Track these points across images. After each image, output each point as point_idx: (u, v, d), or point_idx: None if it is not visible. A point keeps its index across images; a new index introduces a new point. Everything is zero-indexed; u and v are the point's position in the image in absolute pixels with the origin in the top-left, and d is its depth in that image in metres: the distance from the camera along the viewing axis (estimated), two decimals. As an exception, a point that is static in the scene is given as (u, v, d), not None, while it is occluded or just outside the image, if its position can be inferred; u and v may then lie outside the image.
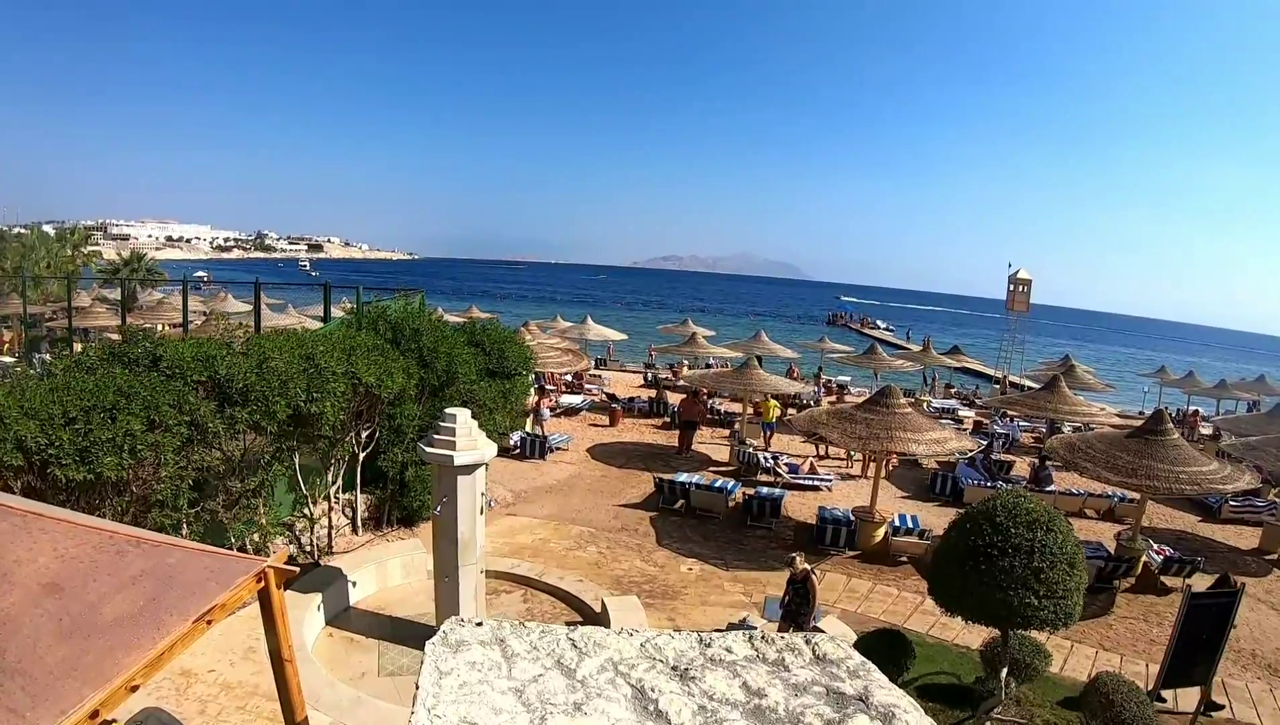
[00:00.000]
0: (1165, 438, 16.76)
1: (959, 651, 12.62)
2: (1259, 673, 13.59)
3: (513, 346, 16.91)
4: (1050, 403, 26.62)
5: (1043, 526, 9.07)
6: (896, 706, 2.47)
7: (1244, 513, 23.26)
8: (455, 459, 9.90)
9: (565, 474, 20.82)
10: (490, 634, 2.68)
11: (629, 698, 2.36)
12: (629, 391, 34.65)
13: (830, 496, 20.85)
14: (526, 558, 14.57)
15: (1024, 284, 46.33)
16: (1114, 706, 9.21)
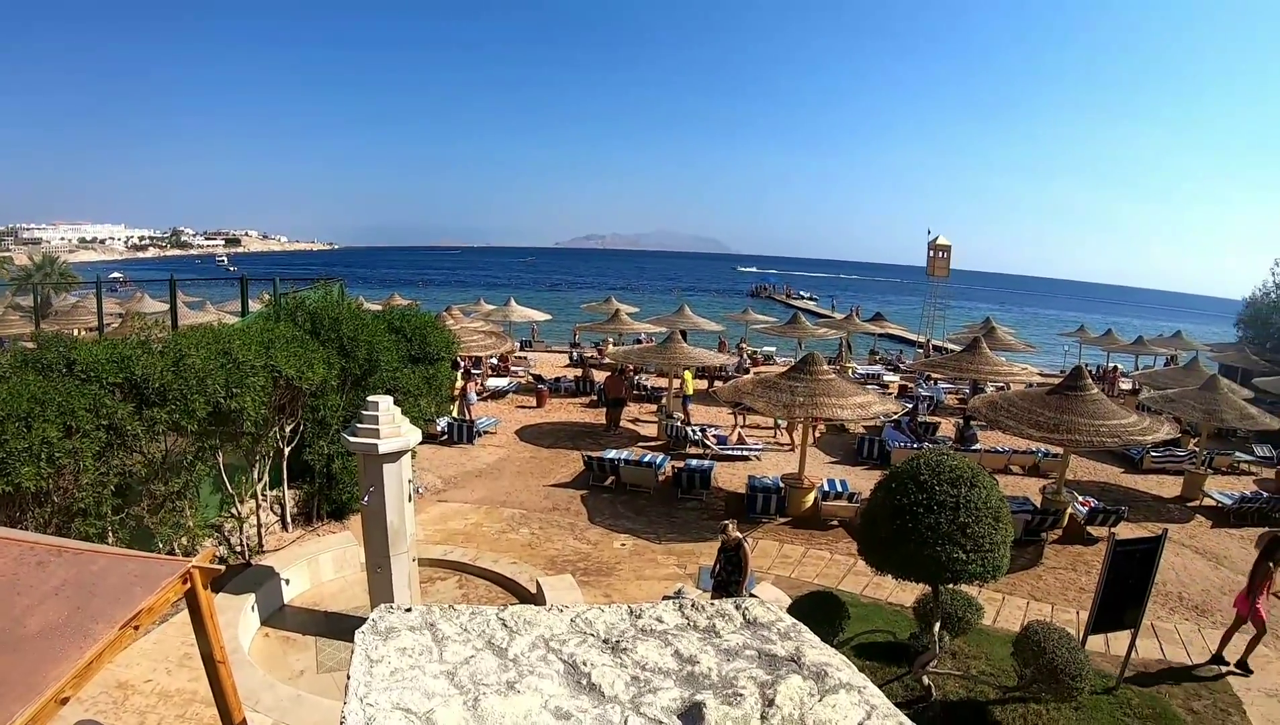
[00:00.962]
0: (1085, 393, 17.27)
1: (893, 609, 12.87)
2: (1186, 614, 14.14)
3: (434, 332, 16.74)
4: (972, 364, 27.19)
5: (966, 483, 9.23)
6: (829, 665, 2.50)
7: (1165, 463, 24.13)
8: (380, 447, 9.78)
9: (494, 457, 20.72)
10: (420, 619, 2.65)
11: (561, 673, 2.35)
12: (555, 372, 34.51)
13: (759, 466, 21.11)
14: (459, 543, 14.53)
15: (944, 250, 47.22)
16: (1046, 654, 9.44)
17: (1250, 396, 26.71)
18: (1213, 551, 17.44)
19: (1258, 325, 44.84)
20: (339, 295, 16.70)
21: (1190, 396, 22.26)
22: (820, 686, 2.35)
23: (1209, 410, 21.53)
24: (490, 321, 35.48)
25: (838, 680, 2.40)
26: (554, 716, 2.11)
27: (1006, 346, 37.25)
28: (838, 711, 2.23)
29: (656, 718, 2.12)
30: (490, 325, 33.20)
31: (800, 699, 2.26)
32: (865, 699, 2.33)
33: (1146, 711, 10.69)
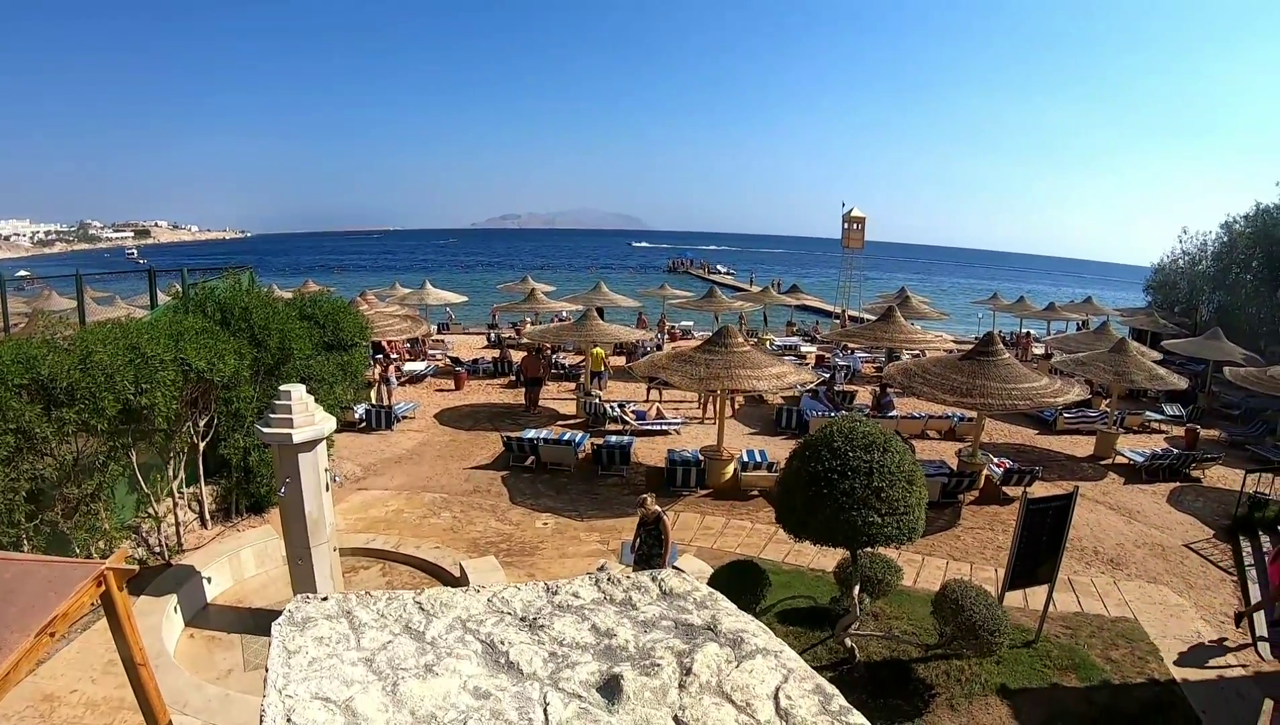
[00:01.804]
0: (996, 358, 17.74)
1: (815, 575, 13.13)
2: (1102, 567, 14.66)
3: (347, 317, 16.51)
4: (887, 333, 27.79)
5: (879, 448, 9.42)
6: (744, 631, 2.53)
7: (1078, 423, 24.99)
8: (294, 437, 9.63)
9: (413, 442, 20.60)
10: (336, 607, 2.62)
11: (479, 653, 2.35)
12: (473, 354, 34.39)
13: (679, 439, 21.46)
14: (381, 531, 14.46)
15: (858, 222, 48.13)
16: (964, 611, 9.69)
17: (1159, 358, 27.76)
18: (1126, 507, 18.07)
19: (1166, 290, 46.69)
20: (249, 284, 16.36)
21: (1101, 359, 23.00)
22: (737, 653, 2.38)
23: (1119, 372, 22.25)
24: (406, 305, 35.11)
25: (754, 646, 2.44)
26: (473, 696, 2.10)
27: (921, 315, 38.20)
28: (755, 676, 2.26)
29: (575, 692, 2.14)
30: (406, 309, 32.88)
31: (717, 666, 2.29)
32: (782, 663, 2.37)
33: (1066, 662, 11.04)
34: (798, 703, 2.17)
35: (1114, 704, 10.33)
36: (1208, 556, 15.58)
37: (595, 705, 2.08)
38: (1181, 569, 14.93)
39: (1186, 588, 14.15)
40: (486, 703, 2.07)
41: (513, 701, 2.07)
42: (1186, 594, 13.87)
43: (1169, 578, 14.48)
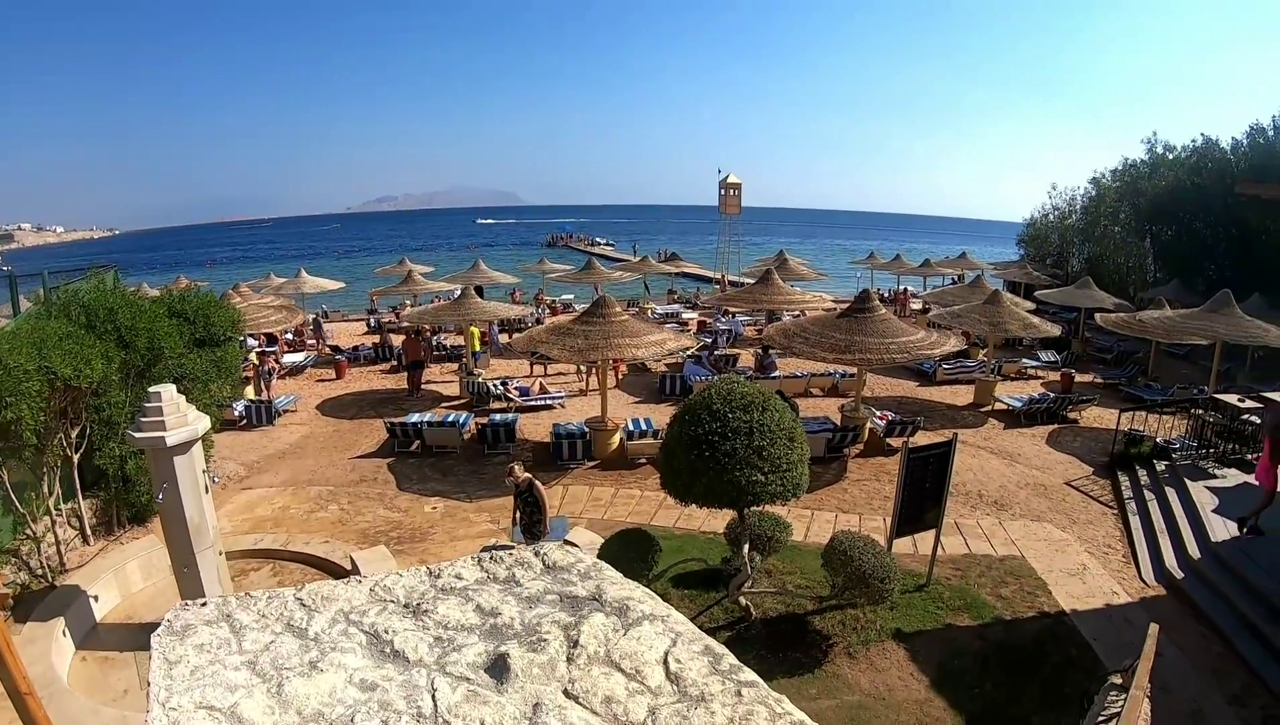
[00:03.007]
0: (873, 314, 18.23)
1: (707, 537, 13.37)
2: (987, 509, 15.22)
3: (218, 311, 15.96)
4: (765, 295, 28.27)
5: (758, 407, 9.59)
6: (630, 598, 2.55)
7: (957, 374, 25.88)
8: (167, 439, 9.29)
9: (296, 436, 20.16)
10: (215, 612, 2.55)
11: (364, 645, 2.32)
12: (354, 341, 33.88)
13: (564, 413, 21.58)
14: (269, 529, 14.18)
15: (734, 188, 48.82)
16: (853, 561, 9.95)
17: (1033, 308, 28.92)
18: (1007, 451, 18.75)
19: (1038, 243, 48.85)
20: (113, 284, 15.73)
21: (976, 311, 23.83)
22: (624, 621, 2.39)
23: (994, 322, 23.09)
24: (281, 295, 34.30)
25: (640, 613, 2.45)
26: (359, 689, 2.08)
27: (799, 276, 39.00)
28: (643, 643, 2.28)
29: (463, 675, 2.12)
30: (282, 299, 32.12)
31: (604, 636, 2.30)
32: (669, 627, 2.39)
33: (958, 602, 11.43)
34: (687, 665, 2.20)
35: (1007, 638, 10.77)
36: (1088, 492, 16.33)
37: (484, 686, 2.08)
38: (1064, 506, 15.61)
39: (1069, 523, 14.80)
40: (374, 694, 2.05)
41: (400, 690, 2.05)
42: (1070, 529, 14.52)
43: (1052, 515, 15.13)
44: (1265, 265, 30.30)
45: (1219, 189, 31.69)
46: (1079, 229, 46.49)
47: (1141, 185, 40.55)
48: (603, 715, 2.01)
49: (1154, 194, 38.90)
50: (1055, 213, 48.42)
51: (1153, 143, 42.25)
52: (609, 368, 20.05)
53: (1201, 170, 36.67)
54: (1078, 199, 46.84)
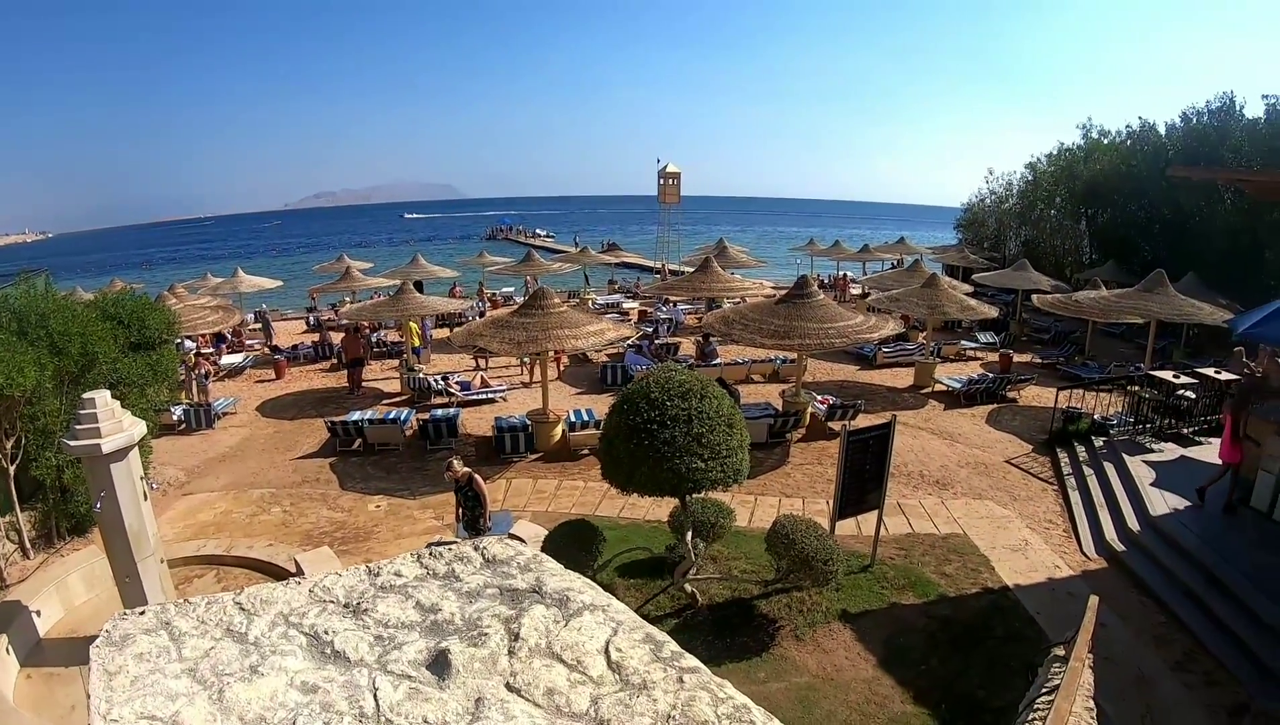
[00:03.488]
0: (811, 299, 18.41)
1: (651, 526, 13.46)
2: (929, 489, 15.44)
3: (153, 313, 15.68)
4: (705, 283, 28.46)
5: (696, 395, 9.68)
6: (570, 589, 2.56)
7: (897, 357, 26.24)
8: (103, 447, 9.09)
9: (237, 439, 19.83)
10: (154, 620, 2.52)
11: (304, 647, 2.31)
12: (293, 339, 33.29)
13: (506, 406, 21.63)
14: (211, 535, 13.93)
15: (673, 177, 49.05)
16: (796, 545, 10.06)
17: (970, 291, 29.30)
18: (948, 431, 19.02)
19: (975, 227, 49.76)
20: (45, 288, 15.39)
21: (914, 295, 24.21)
22: (564, 612, 2.41)
23: (932, 305, 23.46)
24: (219, 295, 33.76)
25: (581, 603, 2.47)
26: (300, 692, 2.07)
27: (739, 264, 39.32)
28: (584, 633, 2.29)
29: (404, 672, 2.13)
30: (219, 299, 31.63)
31: (545, 628, 2.31)
32: (610, 617, 2.41)
33: (902, 581, 11.60)
34: (628, 654, 2.22)
35: (952, 615, 10.97)
36: (1028, 470, 16.64)
37: (425, 683, 2.08)
38: (1004, 483, 15.89)
39: (1011, 500, 15.09)
40: (315, 696, 2.04)
41: (342, 691, 2.05)
42: (1011, 506, 14.80)
43: (993, 492, 15.41)
44: (1198, 246, 31.00)
45: (1154, 172, 32.34)
46: (1016, 213, 47.39)
47: (1077, 169, 41.31)
48: (545, 707, 2.02)
49: (1089, 178, 39.65)
50: (992, 197, 49.32)
51: (1088, 128, 43.09)
52: (549, 359, 20.03)
53: (1137, 154, 37.40)
54: (1014, 184, 47.76)
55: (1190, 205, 32.28)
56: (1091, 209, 41.02)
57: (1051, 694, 5.97)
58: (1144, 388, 18.81)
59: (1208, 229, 31.06)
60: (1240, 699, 9.32)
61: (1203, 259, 29.88)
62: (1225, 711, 9.15)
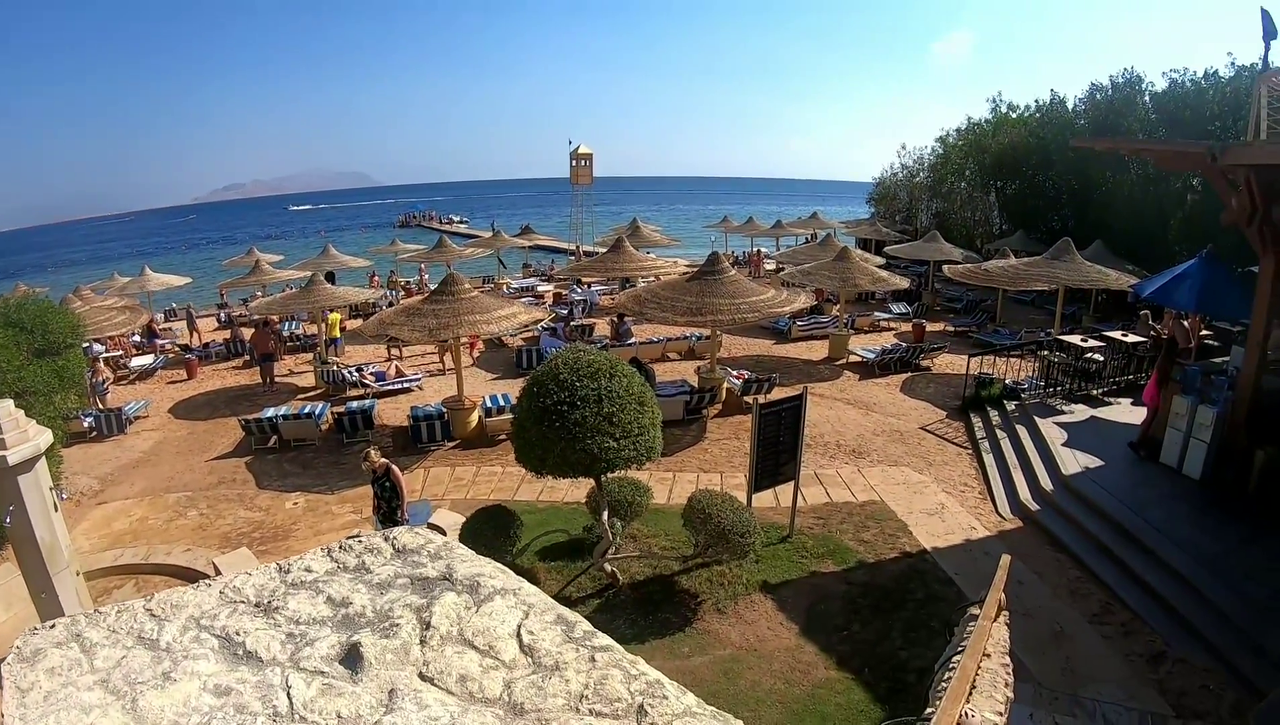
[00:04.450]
0: (722, 276, 18.60)
1: (570, 508, 13.54)
2: (846, 458, 15.70)
3: (56, 317, 15.18)
4: (617, 263, 28.56)
5: (605, 374, 9.76)
6: (481, 575, 2.59)
7: (811, 330, 26.62)
8: (8, 458, 8.80)
9: (150, 443, 19.27)
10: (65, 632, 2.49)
11: (216, 649, 2.30)
12: (205, 338, 32.46)
13: (422, 395, 21.39)
14: (128, 543, 13.57)
15: (585, 158, 49.04)
16: (712, 519, 10.21)
17: (883, 263, 29.82)
18: (862, 401, 19.36)
19: (887, 201, 50.86)
20: None
21: (826, 268, 24.61)
22: (475, 598, 2.44)
23: (844, 278, 23.86)
24: (126, 295, 32.81)
25: (492, 588, 2.50)
26: (214, 695, 2.07)
27: (653, 243, 39.53)
28: (495, 618, 2.33)
29: (317, 669, 2.13)
30: (126, 299, 30.73)
31: (456, 615, 2.34)
32: (521, 600, 2.45)
33: (821, 550, 11.83)
34: (540, 636, 2.26)
35: (872, 580, 11.21)
36: (943, 435, 17.03)
37: (338, 678, 2.09)
38: (920, 450, 16.23)
39: (926, 465, 15.43)
40: (229, 699, 2.04)
41: (255, 692, 2.06)
42: (927, 471, 15.15)
43: (909, 459, 15.74)
44: (1105, 215, 31.95)
45: (1061, 144, 33.14)
46: (927, 186, 48.53)
47: (986, 142, 42.32)
48: (459, 694, 2.05)
49: (998, 151, 40.59)
50: (904, 171, 50.30)
51: (997, 102, 44.13)
52: (463, 345, 19.92)
53: (1045, 126, 38.32)
54: (925, 158, 48.74)
55: (1097, 176, 33.20)
56: (1001, 181, 41.96)
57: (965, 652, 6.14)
58: (1054, 352, 19.35)
59: (1114, 198, 31.99)
60: (1157, 647, 9.67)
61: (1109, 227, 30.85)
62: (1143, 660, 9.48)
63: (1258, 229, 11.82)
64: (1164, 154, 15.34)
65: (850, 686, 9.03)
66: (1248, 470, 12.60)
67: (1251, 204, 11.64)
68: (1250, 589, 10.16)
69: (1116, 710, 8.55)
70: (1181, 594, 10.42)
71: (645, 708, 1.99)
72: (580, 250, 49.06)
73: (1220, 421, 12.89)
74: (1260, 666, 9.01)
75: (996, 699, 4.44)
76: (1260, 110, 12.79)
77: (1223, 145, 11.59)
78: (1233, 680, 8.99)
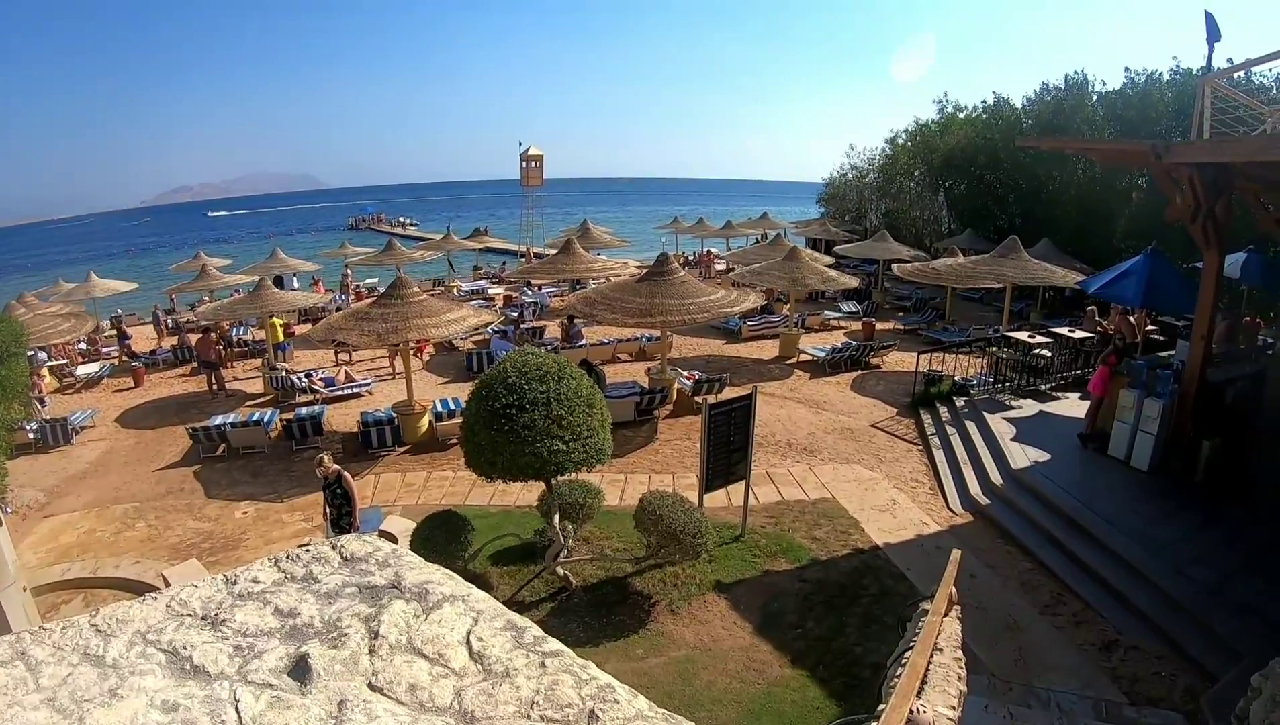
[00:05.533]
0: (672, 276, 18.69)
1: (523, 511, 13.50)
2: (797, 457, 15.79)
3: (0, 326, 14.87)
4: (568, 264, 28.65)
5: (554, 377, 9.79)
6: (429, 582, 2.59)
7: (761, 329, 26.78)
8: (-52, 473, 8.69)
9: (96, 453, 18.87)
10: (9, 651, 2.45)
11: (164, 664, 2.27)
12: (151, 344, 31.83)
13: (373, 400, 21.18)
14: (76, 557, 13.34)
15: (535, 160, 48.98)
16: (663, 520, 10.23)
17: (832, 262, 30.06)
18: (813, 399, 19.48)
19: (837, 201, 51.36)
20: None
21: (776, 268, 24.79)
22: (424, 605, 2.43)
23: (794, 278, 24.06)
24: (71, 301, 32.14)
25: (440, 595, 2.50)
26: (161, 711, 2.04)
27: (603, 244, 39.63)
28: (444, 626, 2.33)
29: (265, 681, 2.12)
30: (71, 306, 30.09)
31: (405, 623, 2.33)
32: (470, 606, 2.45)
33: (774, 548, 11.91)
34: (490, 643, 2.26)
35: (825, 577, 11.32)
36: (893, 432, 17.20)
37: (287, 690, 2.08)
38: (871, 447, 16.38)
39: (877, 462, 15.58)
40: (176, 714, 2.02)
41: (203, 707, 2.04)
42: (878, 468, 15.30)
43: (860, 456, 15.89)
44: (1052, 213, 32.59)
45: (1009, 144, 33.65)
46: (876, 186, 49.03)
47: (934, 143, 42.90)
48: (409, 704, 2.05)
49: (946, 151, 41.15)
50: (854, 172, 50.74)
51: (944, 103, 44.75)
52: (412, 349, 19.80)
53: (993, 126, 38.85)
54: (875, 158, 49.21)
55: (1044, 175, 33.85)
56: (949, 181, 42.55)
57: (920, 647, 6.23)
58: (1002, 348, 19.65)
59: (1061, 197, 32.64)
60: (1109, 636, 9.86)
61: (1056, 225, 31.42)
62: (1095, 648, 9.66)
63: (1201, 226, 12.10)
64: (1110, 152, 15.64)
65: (806, 684, 9.10)
66: (1195, 460, 12.96)
67: (1195, 201, 11.91)
68: (1198, 573, 10.42)
69: (1070, 699, 8.69)
70: (1132, 583, 10.64)
71: (596, 712, 2.00)
72: (531, 252, 48.97)
73: (1167, 413, 13.20)
74: (1210, 648, 9.23)
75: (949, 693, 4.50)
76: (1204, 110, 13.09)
77: (1167, 144, 11.85)
78: (1184, 665, 9.19)
